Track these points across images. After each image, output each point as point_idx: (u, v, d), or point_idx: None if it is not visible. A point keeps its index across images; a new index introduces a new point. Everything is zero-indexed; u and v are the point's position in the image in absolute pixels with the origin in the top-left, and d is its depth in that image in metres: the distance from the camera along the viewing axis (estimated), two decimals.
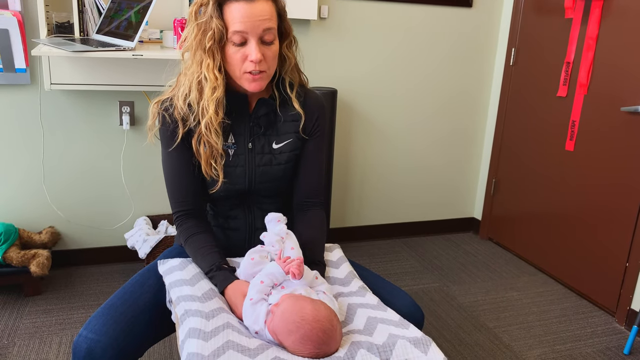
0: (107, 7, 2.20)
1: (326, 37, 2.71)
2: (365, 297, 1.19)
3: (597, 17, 2.41)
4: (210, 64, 1.20)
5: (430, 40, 2.91)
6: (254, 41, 1.18)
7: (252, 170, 1.33)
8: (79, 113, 2.42)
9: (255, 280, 1.09)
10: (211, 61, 1.20)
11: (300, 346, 0.98)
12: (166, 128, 1.29)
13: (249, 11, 1.16)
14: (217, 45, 1.19)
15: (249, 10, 1.16)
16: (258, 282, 1.08)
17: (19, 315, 2.18)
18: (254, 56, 1.18)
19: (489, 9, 2.98)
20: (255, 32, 1.17)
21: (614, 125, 2.37)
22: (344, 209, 3.02)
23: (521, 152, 2.93)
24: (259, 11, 1.17)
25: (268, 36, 1.20)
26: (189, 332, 1.00)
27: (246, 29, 1.17)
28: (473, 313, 2.38)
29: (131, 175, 2.57)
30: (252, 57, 1.18)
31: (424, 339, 1.02)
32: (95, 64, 2.26)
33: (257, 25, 1.17)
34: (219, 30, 1.17)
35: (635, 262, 2.28)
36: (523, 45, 2.88)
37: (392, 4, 2.77)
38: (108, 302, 1.24)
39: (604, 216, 2.44)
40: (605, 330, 2.31)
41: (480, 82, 3.10)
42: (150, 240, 2.35)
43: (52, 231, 2.46)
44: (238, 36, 1.17)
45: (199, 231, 1.29)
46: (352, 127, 2.90)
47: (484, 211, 3.23)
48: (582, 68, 2.50)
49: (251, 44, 1.18)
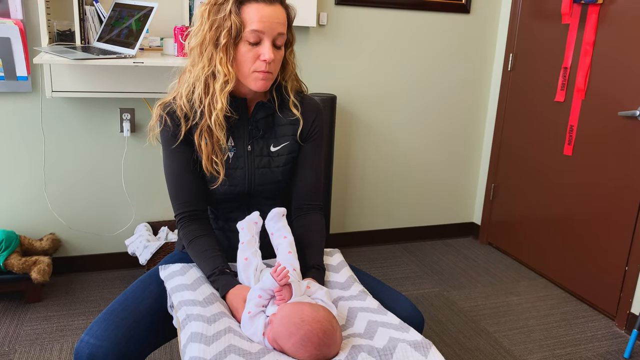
0: (108, 15, 2.22)
1: (325, 43, 2.73)
2: (366, 301, 1.19)
3: (593, 22, 2.43)
4: (224, 59, 1.23)
5: (429, 47, 2.93)
6: (268, 42, 1.23)
7: (251, 172, 1.35)
8: (80, 120, 2.43)
9: (253, 293, 1.10)
10: (224, 56, 1.23)
11: (300, 348, 0.99)
12: (167, 130, 1.31)
13: (268, 12, 1.21)
14: (233, 42, 1.23)
15: (268, 12, 1.21)
16: (256, 295, 1.09)
17: (20, 322, 2.19)
18: (267, 56, 1.22)
19: (487, 16, 3.00)
20: (270, 34, 1.23)
21: (612, 129, 2.39)
22: (344, 215, 3.03)
23: (520, 157, 2.94)
24: (276, 14, 1.23)
25: (280, 40, 1.25)
26: (191, 336, 1.01)
27: (264, 28, 1.22)
28: (473, 318, 2.38)
29: (132, 182, 2.58)
30: (265, 57, 1.22)
31: (424, 342, 1.03)
32: (96, 72, 2.27)
33: (274, 27, 1.22)
34: (236, 27, 1.21)
35: (635, 266, 2.29)
36: (521, 51, 2.90)
37: (390, 10, 2.80)
38: (109, 308, 1.25)
39: (602, 220, 2.45)
40: (606, 334, 2.31)
41: (479, 88, 3.12)
42: (151, 247, 2.36)
43: (52, 238, 2.47)
44: (254, 35, 1.22)
45: (201, 234, 1.30)
46: (352, 133, 2.91)
47: (483, 216, 3.24)
48: (579, 73, 2.52)
49: (265, 44, 1.23)
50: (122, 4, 2.20)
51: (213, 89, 1.25)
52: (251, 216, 1.28)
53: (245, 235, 1.24)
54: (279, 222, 1.29)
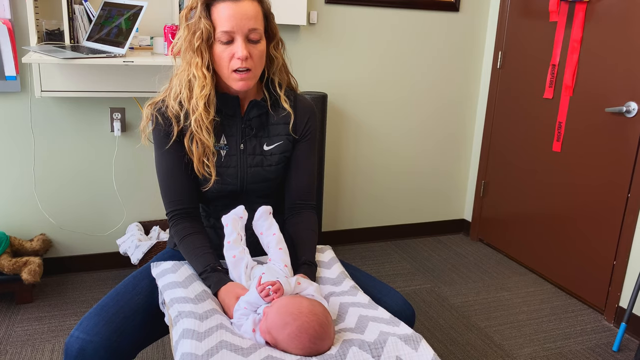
0: (97, 14, 2.21)
1: (315, 42, 2.74)
2: (357, 296, 1.20)
3: (580, 20, 2.45)
4: (199, 63, 1.25)
5: (418, 45, 2.95)
6: (240, 39, 1.23)
7: (244, 170, 1.35)
8: (69, 120, 2.43)
9: (240, 303, 1.10)
10: (200, 60, 1.25)
11: (295, 339, 0.99)
12: (159, 129, 1.31)
13: (234, 10, 1.21)
14: (206, 45, 1.24)
15: (234, 10, 1.21)
16: (242, 307, 1.10)
17: (11, 323, 2.18)
18: (240, 53, 1.22)
19: (476, 14, 3.02)
20: (241, 31, 1.22)
21: (599, 125, 2.42)
22: (336, 212, 3.04)
23: (509, 154, 2.97)
24: (244, 11, 1.22)
25: (254, 35, 1.24)
26: (183, 332, 1.02)
27: (232, 28, 1.22)
28: (464, 313, 2.40)
29: (123, 182, 2.57)
30: (238, 54, 1.23)
31: (415, 335, 1.04)
32: (85, 71, 2.26)
33: (243, 24, 1.22)
34: (207, 29, 1.22)
35: (623, 260, 2.32)
36: (510, 49, 2.92)
37: (380, 9, 2.81)
38: (100, 303, 1.25)
39: (591, 215, 2.48)
40: (595, 327, 2.34)
41: (468, 85, 3.14)
42: (143, 246, 2.35)
43: (43, 238, 2.46)
44: (225, 35, 1.23)
45: (193, 232, 1.31)
46: (343, 130, 2.92)
47: (474, 213, 3.27)
48: (567, 70, 2.54)
49: (237, 42, 1.23)
50: (112, 2, 2.19)
51: (194, 92, 1.26)
52: (236, 210, 1.26)
53: (231, 234, 1.23)
54: (267, 221, 1.29)
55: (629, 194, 2.28)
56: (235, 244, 1.22)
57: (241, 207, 1.28)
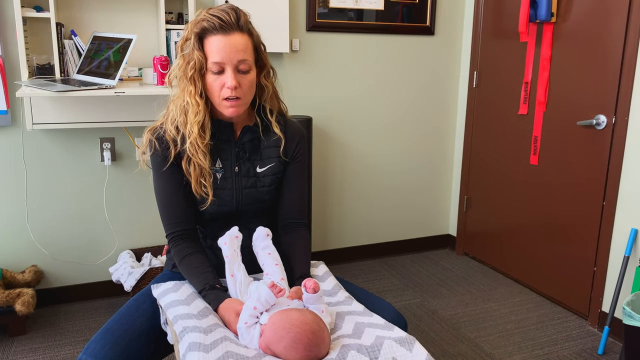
0: (87, 47, 2.28)
1: (299, 68, 2.84)
2: (352, 305, 1.26)
3: (549, 39, 2.60)
4: (193, 91, 1.33)
5: (397, 68, 3.06)
6: (230, 70, 1.31)
7: (239, 192, 1.42)
8: (60, 151, 2.47)
9: (249, 304, 1.15)
10: (193, 88, 1.33)
11: (292, 350, 1.05)
12: (157, 154, 1.37)
13: (224, 43, 1.30)
14: (198, 74, 1.32)
15: (224, 42, 1.30)
16: (251, 307, 1.14)
17: (5, 356, 2.17)
18: (229, 83, 1.30)
19: (450, 36, 3.16)
20: (230, 62, 1.30)
21: (573, 138, 2.53)
22: (324, 233, 3.10)
23: (489, 169, 3.08)
24: (234, 43, 1.30)
25: (243, 66, 1.32)
26: (190, 346, 1.06)
27: (222, 59, 1.30)
28: (454, 325, 2.46)
29: (114, 210, 2.60)
30: (228, 84, 1.31)
31: (409, 338, 1.10)
32: (75, 103, 2.31)
33: (233, 56, 1.30)
34: (199, 60, 1.31)
35: (602, 266, 2.41)
36: (484, 69, 3.06)
37: (359, 35, 2.93)
38: (105, 327, 1.29)
39: (570, 224, 2.58)
40: (580, 333, 2.41)
41: (447, 104, 3.26)
42: (136, 273, 2.38)
43: (35, 270, 2.47)
44: (216, 66, 1.31)
45: (193, 251, 1.36)
46: (328, 152, 3.01)
47: (458, 227, 3.35)
48: (539, 87, 2.67)
49: (227, 72, 1.31)
50: (101, 36, 2.27)
51: (189, 118, 1.34)
52: (231, 231, 1.33)
53: (228, 250, 1.29)
54: (264, 242, 1.36)
55: (604, 202, 2.39)
56: (233, 259, 1.28)
57: (235, 227, 1.35)
